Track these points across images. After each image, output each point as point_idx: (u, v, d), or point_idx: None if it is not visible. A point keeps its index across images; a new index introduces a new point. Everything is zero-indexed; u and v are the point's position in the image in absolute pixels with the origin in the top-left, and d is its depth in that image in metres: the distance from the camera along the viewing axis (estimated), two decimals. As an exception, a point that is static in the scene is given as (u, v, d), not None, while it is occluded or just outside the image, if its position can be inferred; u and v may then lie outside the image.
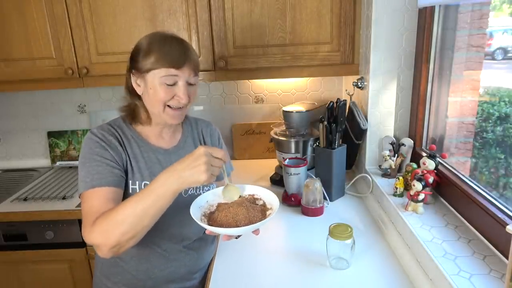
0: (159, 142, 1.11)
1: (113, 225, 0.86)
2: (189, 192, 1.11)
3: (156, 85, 0.98)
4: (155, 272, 1.08)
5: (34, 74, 1.66)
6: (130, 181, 1.03)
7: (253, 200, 1.01)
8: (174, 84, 0.99)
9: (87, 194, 0.96)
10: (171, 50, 0.98)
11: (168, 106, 1.01)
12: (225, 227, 0.89)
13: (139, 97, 1.05)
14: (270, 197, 1.00)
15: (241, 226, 0.88)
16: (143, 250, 1.06)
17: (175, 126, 1.14)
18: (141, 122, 1.09)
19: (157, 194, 0.86)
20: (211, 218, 0.95)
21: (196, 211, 0.94)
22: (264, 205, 0.99)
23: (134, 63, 1.01)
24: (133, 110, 1.08)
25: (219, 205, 0.98)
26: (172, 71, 0.97)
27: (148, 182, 1.03)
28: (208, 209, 0.98)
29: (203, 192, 1.05)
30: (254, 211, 0.93)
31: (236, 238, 1.04)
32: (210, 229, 0.88)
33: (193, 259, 1.14)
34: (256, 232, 0.93)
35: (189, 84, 1.01)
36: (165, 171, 0.87)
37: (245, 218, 0.91)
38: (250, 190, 1.03)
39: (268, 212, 0.95)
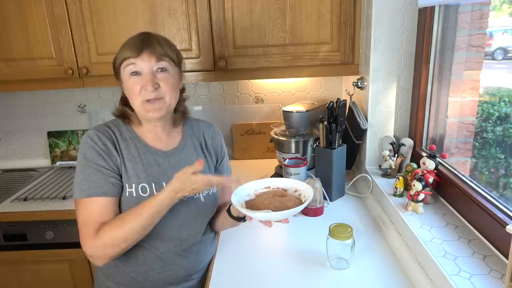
0: (157, 144, 1.10)
1: (118, 242, 0.95)
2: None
3: (126, 79, 1.01)
4: (153, 275, 1.08)
5: (34, 74, 1.66)
6: (127, 184, 1.02)
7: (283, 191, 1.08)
8: (139, 74, 1.00)
9: (82, 201, 0.99)
10: (131, 41, 1.01)
11: (147, 101, 1.00)
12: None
13: (130, 107, 1.07)
14: (296, 185, 1.07)
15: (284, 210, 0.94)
16: (141, 253, 1.05)
17: (172, 128, 1.13)
18: (134, 123, 1.10)
19: (156, 208, 0.95)
20: (248, 205, 1.01)
21: (235, 198, 0.99)
22: (292, 193, 1.06)
23: (113, 68, 1.05)
24: (125, 113, 1.09)
25: (256, 195, 1.05)
26: (131, 59, 0.98)
27: (145, 185, 1.03)
28: (248, 197, 1.04)
29: (201, 195, 1.10)
30: (289, 199, 1.01)
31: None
32: (253, 215, 0.93)
33: (191, 262, 1.13)
34: (286, 220, 0.96)
35: (159, 72, 1.01)
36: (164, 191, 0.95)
37: (282, 204, 0.97)
38: (280, 183, 1.09)
39: (303, 199, 1.01)
